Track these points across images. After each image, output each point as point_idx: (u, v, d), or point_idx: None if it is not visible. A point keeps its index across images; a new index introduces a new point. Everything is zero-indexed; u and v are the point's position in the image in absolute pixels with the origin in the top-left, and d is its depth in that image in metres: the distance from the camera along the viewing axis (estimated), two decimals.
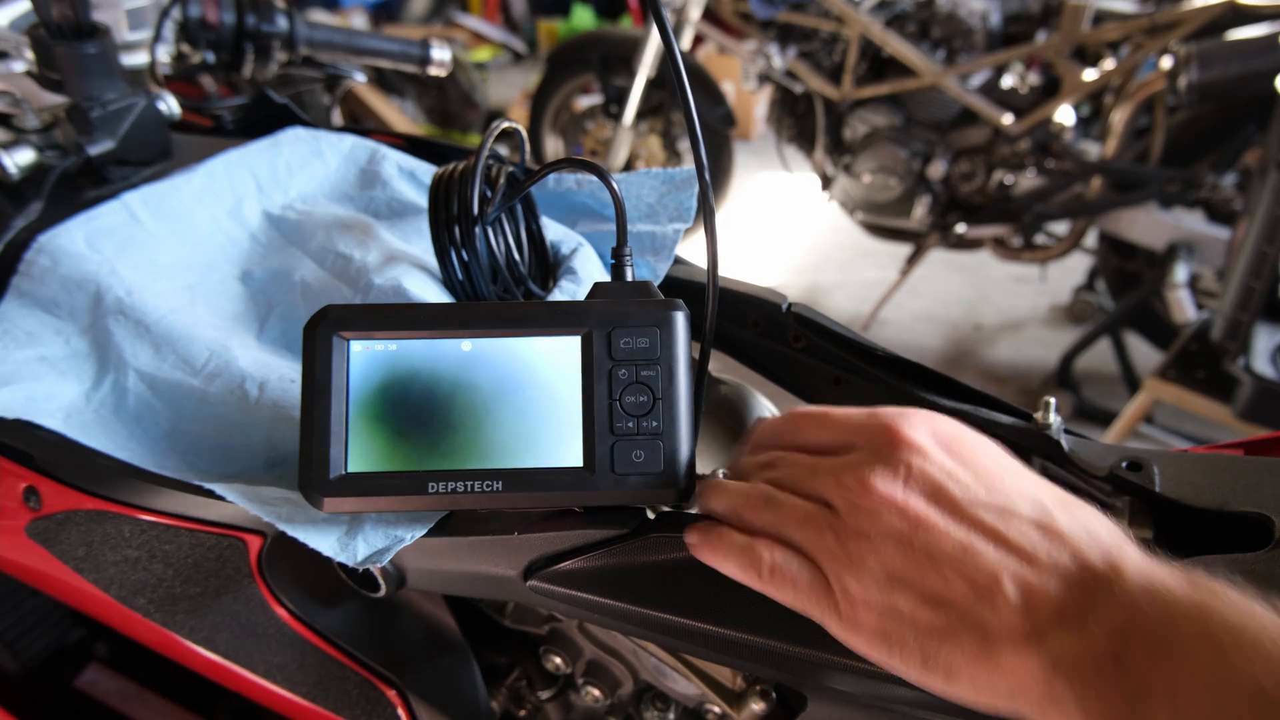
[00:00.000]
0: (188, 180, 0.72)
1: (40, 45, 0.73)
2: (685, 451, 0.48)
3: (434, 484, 0.47)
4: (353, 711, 0.61)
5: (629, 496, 0.48)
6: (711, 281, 0.53)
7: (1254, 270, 1.62)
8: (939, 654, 0.35)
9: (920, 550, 0.36)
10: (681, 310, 0.49)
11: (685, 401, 0.48)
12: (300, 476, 0.47)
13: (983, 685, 0.34)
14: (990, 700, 0.34)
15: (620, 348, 0.48)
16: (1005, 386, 2.47)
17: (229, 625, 0.60)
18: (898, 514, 0.36)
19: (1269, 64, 1.76)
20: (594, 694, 0.65)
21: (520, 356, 0.49)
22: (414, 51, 1.05)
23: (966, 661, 0.34)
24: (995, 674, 0.34)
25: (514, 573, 0.51)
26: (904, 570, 0.36)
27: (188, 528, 0.57)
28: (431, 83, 3.70)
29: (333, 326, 0.48)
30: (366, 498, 0.47)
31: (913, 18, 2.34)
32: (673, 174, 0.70)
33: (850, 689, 0.46)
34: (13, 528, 0.63)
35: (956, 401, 0.58)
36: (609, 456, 0.47)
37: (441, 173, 0.61)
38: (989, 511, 0.36)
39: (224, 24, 0.91)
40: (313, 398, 0.48)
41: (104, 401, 0.60)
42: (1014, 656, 0.33)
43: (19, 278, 0.64)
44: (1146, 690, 0.30)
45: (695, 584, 0.48)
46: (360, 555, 0.48)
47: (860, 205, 2.52)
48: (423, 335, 0.48)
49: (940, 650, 0.35)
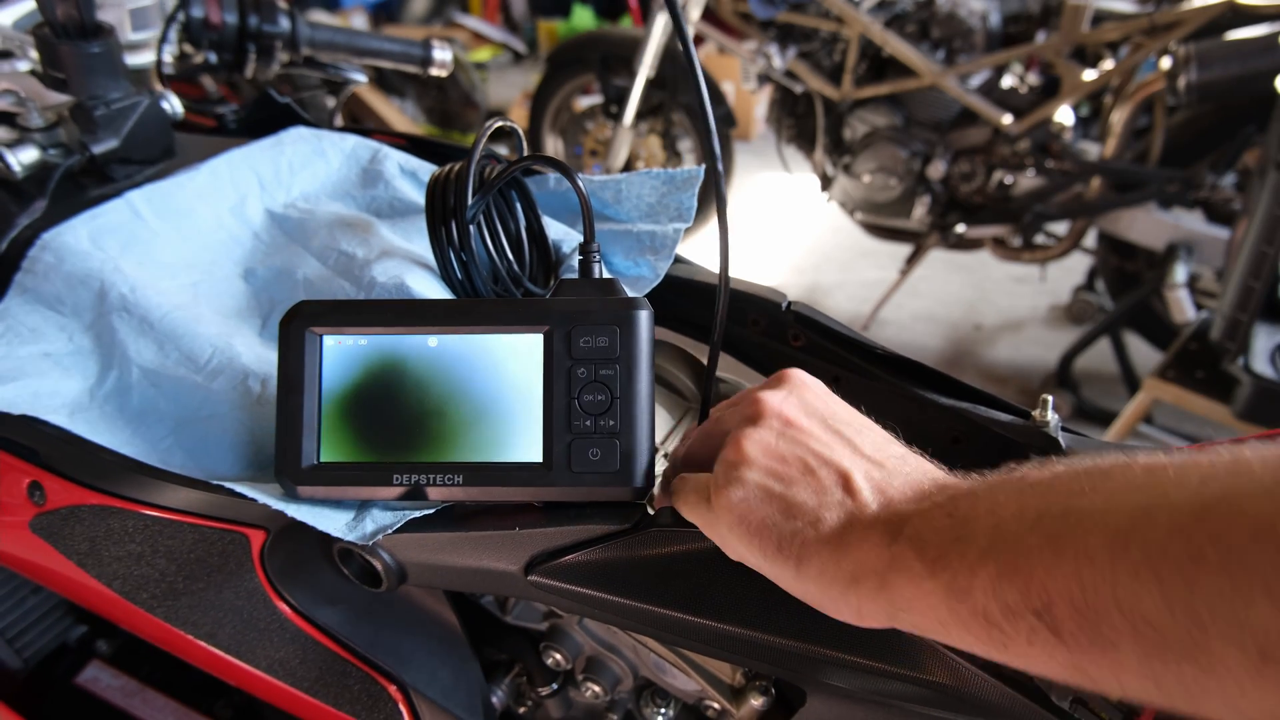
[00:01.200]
0: (191, 178, 0.73)
1: (45, 44, 0.73)
2: (643, 451, 0.48)
3: (398, 475, 0.49)
4: (354, 706, 0.62)
5: (585, 493, 0.49)
6: (723, 283, 0.53)
7: (1253, 270, 1.63)
8: (793, 541, 0.39)
9: (787, 448, 0.42)
10: (643, 309, 0.49)
11: (644, 401, 0.49)
12: (276, 465, 0.50)
13: (828, 568, 0.38)
14: (829, 587, 0.38)
15: (580, 346, 0.49)
16: (1005, 386, 2.48)
17: (231, 620, 0.60)
18: (776, 418, 0.44)
19: (1269, 64, 1.76)
20: (594, 690, 0.65)
21: (484, 352, 0.50)
22: (415, 52, 1.05)
23: (818, 546, 0.39)
24: (842, 555, 0.38)
25: (515, 568, 0.52)
26: (770, 464, 0.42)
27: (191, 523, 0.57)
28: (432, 83, 3.70)
29: (306, 321, 0.50)
30: (337, 486, 0.50)
31: (912, 18, 2.34)
32: (673, 174, 0.70)
33: (848, 685, 0.46)
34: (17, 523, 0.64)
35: (956, 400, 0.59)
36: (566, 454, 0.48)
37: (438, 173, 0.62)
38: (848, 427, 0.43)
39: (226, 24, 0.91)
40: (287, 390, 0.50)
41: (108, 397, 0.60)
42: (862, 533, 0.38)
43: (23, 275, 0.65)
44: (973, 520, 0.35)
45: (695, 580, 0.48)
46: (368, 531, 0.49)
47: (860, 205, 2.52)
48: (391, 330, 0.50)
49: (794, 538, 0.39)
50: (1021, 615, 0.31)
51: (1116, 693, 0.31)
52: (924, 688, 0.44)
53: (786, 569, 0.40)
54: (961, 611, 0.33)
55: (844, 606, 0.39)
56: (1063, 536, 0.31)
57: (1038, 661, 0.32)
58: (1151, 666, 0.28)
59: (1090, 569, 0.29)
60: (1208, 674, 0.27)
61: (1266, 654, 0.25)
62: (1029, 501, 0.33)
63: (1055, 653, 0.31)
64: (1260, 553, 0.25)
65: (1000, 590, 0.32)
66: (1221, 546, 0.26)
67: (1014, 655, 0.33)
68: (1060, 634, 0.30)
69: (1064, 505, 0.32)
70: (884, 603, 0.37)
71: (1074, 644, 0.30)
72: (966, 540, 0.34)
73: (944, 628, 0.35)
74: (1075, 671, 0.31)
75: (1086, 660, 0.30)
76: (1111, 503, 0.30)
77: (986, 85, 2.32)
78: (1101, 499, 0.31)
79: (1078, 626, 0.30)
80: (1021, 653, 0.32)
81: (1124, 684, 0.30)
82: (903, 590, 0.36)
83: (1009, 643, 0.32)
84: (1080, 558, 0.30)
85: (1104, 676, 0.30)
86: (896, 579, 0.36)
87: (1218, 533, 0.26)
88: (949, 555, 0.34)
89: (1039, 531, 0.31)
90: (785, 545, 0.40)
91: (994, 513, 0.34)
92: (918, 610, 0.35)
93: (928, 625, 0.36)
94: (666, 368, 0.69)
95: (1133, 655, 0.28)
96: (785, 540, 0.40)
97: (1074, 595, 0.30)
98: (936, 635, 0.36)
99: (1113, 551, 0.29)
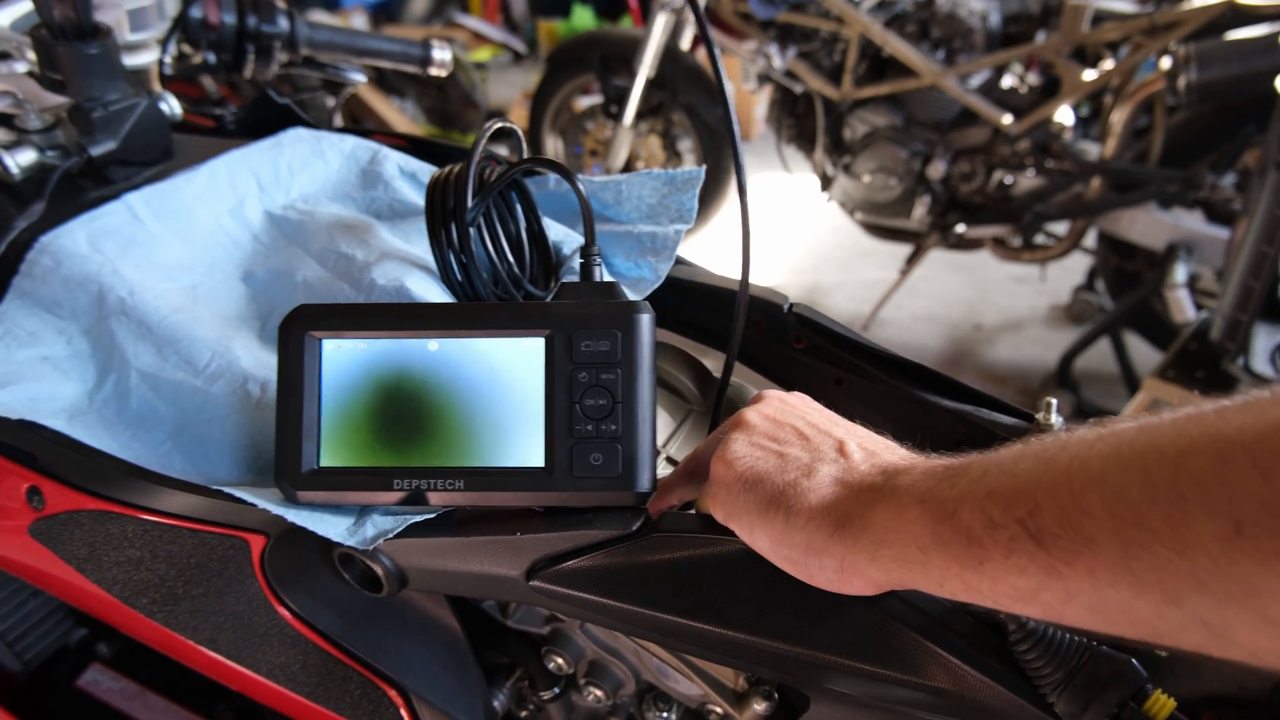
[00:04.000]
0: (189, 180, 0.72)
1: (42, 46, 0.73)
2: (645, 455, 0.48)
3: (399, 480, 0.49)
4: (355, 712, 0.61)
5: (587, 498, 0.49)
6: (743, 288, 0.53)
7: (1253, 270, 1.62)
8: (786, 491, 0.42)
9: (786, 418, 0.46)
10: (644, 313, 0.49)
11: (646, 405, 0.48)
12: (275, 469, 0.49)
13: (817, 515, 0.40)
14: (815, 534, 0.40)
15: (581, 350, 0.48)
16: (1005, 386, 2.47)
17: (231, 625, 0.60)
18: (777, 399, 0.48)
19: (1268, 64, 1.76)
20: (596, 694, 0.65)
21: (485, 357, 0.49)
22: (414, 52, 1.05)
23: (810, 495, 0.41)
24: (832, 503, 0.40)
25: (516, 573, 0.51)
26: (770, 428, 0.46)
27: (190, 528, 0.57)
28: (432, 83, 3.69)
29: (305, 325, 0.50)
30: (337, 491, 0.49)
31: (912, 18, 2.34)
32: (674, 175, 0.70)
33: (851, 690, 0.46)
34: (16, 528, 0.63)
35: (957, 402, 0.58)
36: (568, 458, 0.48)
37: (437, 175, 0.62)
38: (842, 420, 0.47)
39: (225, 25, 0.90)
40: (287, 394, 0.49)
41: (106, 402, 0.60)
42: (855, 483, 0.41)
43: (21, 278, 0.64)
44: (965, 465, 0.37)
45: (698, 585, 0.48)
46: (369, 536, 0.49)
47: (860, 205, 2.51)
48: (391, 335, 0.50)
49: (789, 489, 0.42)
50: (1005, 526, 0.33)
51: (1075, 614, 0.32)
52: (926, 693, 0.43)
53: (777, 518, 0.41)
54: (944, 532, 0.35)
55: (827, 558, 0.40)
56: (1057, 457, 0.33)
57: (1009, 577, 0.33)
58: (1127, 558, 0.30)
59: (1083, 474, 0.31)
60: (1181, 554, 0.28)
61: (1241, 525, 0.27)
62: (1023, 449, 0.36)
63: (1031, 561, 0.32)
64: (1251, 429, 0.28)
65: (987, 506, 0.34)
66: (1212, 433, 0.28)
67: (986, 573, 0.34)
68: (1041, 538, 0.32)
69: (1059, 442, 0.34)
70: (867, 542, 0.38)
71: (1053, 547, 0.32)
72: (958, 475, 0.36)
73: (923, 554, 0.36)
74: (1046, 579, 0.32)
75: (1061, 563, 0.32)
76: (1103, 438, 0.32)
77: (986, 85, 2.32)
78: (1093, 436, 0.33)
79: (1060, 527, 0.31)
80: (996, 568, 0.34)
81: (1095, 585, 0.31)
82: (888, 521, 0.38)
83: (985, 559, 0.34)
84: (1073, 467, 0.32)
85: (1076, 579, 0.31)
86: (883, 512, 0.38)
87: (1215, 430, 0.29)
88: (939, 488, 0.36)
89: (1032, 457, 0.34)
90: (779, 495, 0.42)
91: (987, 457, 0.37)
92: (900, 541, 0.37)
93: (908, 555, 0.37)
94: (668, 370, 0.69)
95: (1111, 548, 0.30)
96: (779, 490, 0.42)
97: (1061, 498, 0.32)
98: (914, 567, 0.37)
99: (1106, 459, 0.31)
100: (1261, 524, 0.26)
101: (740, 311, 0.53)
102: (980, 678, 0.42)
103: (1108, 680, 0.39)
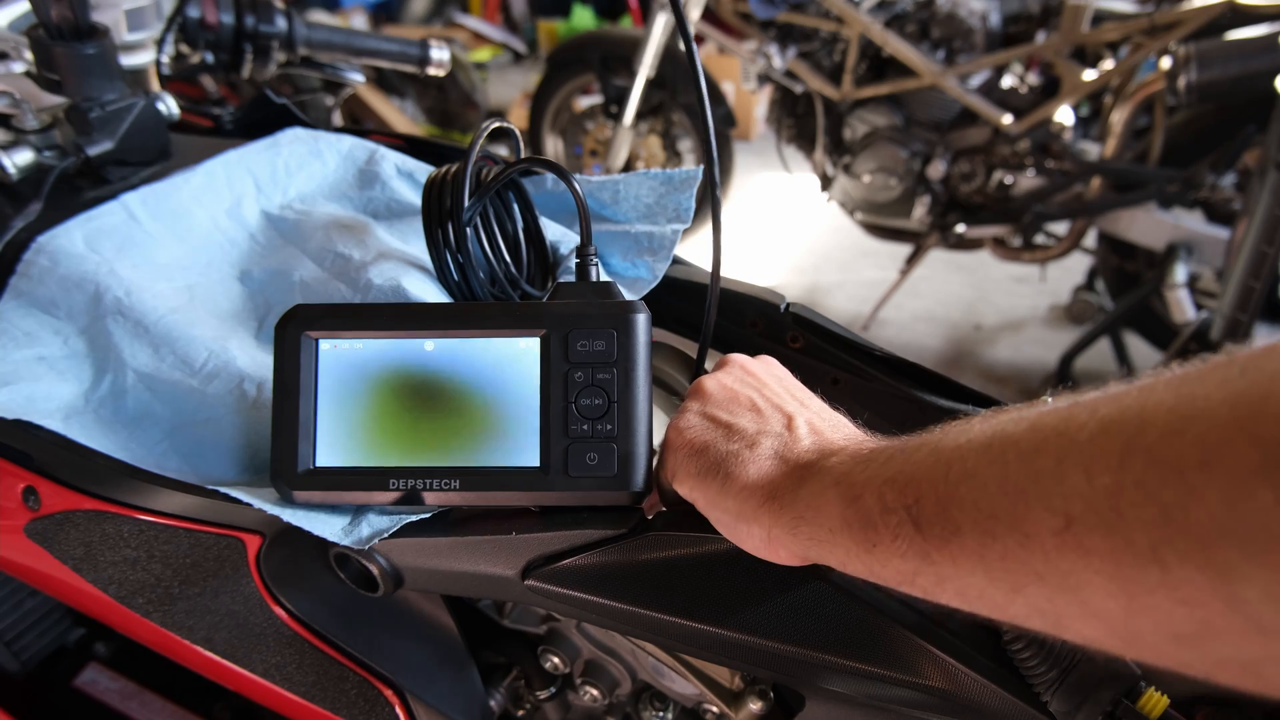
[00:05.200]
0: (187, 180, 0.72)
1: (39, 46, 0.73)
2: (640, 454, 0.48)
3: (394, 480, 0.49)
4: (351, 711, 0.61)
5: (583, 498, 0.49)
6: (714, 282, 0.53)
7: (1253, 270, 1.62)
8: (726, 460, 0.44)
9: (742, 389, 0.48)
10: (640, 312, 0.49)
11: (642, 405, 0.48)
12: (271, 469, 0.49)
13: (750, 484, 0.42)
14: (746, 502, 0.42)
15: (576, 350, 0.48)
16: (1005, 386, 2.47)
17: (227, 625, 0.60)
18: (739, 366, 0.50)
19: (1268, 64, 1.76)
20: (592, 694, 0.65)
21: (481, 357, 0.49)
22: (413, 52, 1.05)
23: (747, 465, 0.43)
24: (766, 475, 0.42)
25: (512, 572, 0.51)
26: (723, 398, 0.47)
27: (186, 528, 0.57)
28: (431, 83, 3.69)
29: (302, 325, 0.50)
30: (333, 491, 0.49)
31: (912, 18, 2.34)
32: (672, 175, 0.70)
33: (846, 689, 0.46)
34: (12, 528, 0.63)
35: (956, 402, 0.58)
36: (563, 458, 0.48)
37: (434, 175, 0.62)
38: (800, 391, 0.49)
39: (223, 24, 0.91)
40: (283, 394, 0.49)
41: (103, 402, 0.60)
42: (791, 458, 0.42)
43: (18, 278, 0.64)
44: (884, 449, 0.39)
45: (693, 584, 0.48)
46: (364, 536, 0.49)
47: (860, 205, 2.51)
48: (387, 335, 0.50)
49: (729, 458, 0.44)
50: (895, 511, 0.35)
51: (946, 597, 0.34)
52: (921, 692, 0.43)
53: (714, 482, 0.43)
54: (849, 514, 0.37)
55: (755, 527, 0.42)
56: (944, 448, 0.35)
57: (894, 560, 0.35)
58: (983, 547, 0.32)
59: (959, 465, 0.33)
60: (1024, 546, 0.30)
61: (1071, 521, 0.28)
62: (927, 436, 0.37)
63: (910, 546, 0.34)
64: (1087, 428, 0.29)
65: (884, 492, 0.36)
66: (1064, 437, 0.30)
67: (877, 555, 0.36)
68: (920, 524, 0.34)
69: (957, 429, 0.36)
70: (789, 518, 0.40)
71: (929, 532, 0.34)
72: (872, 460, 0.39)
73: (831, 534, 0.38)
74: (921, 564, 0.34)
75: (933, 548, 0.34)
76: (986, 429, 0.34)
77: (986, 85, 2.32)
78: (979, 427, 0.35)
79: (934, 514, 0.33)
80: (885, 550, 0.36)
81: (958, 571, 0.33)
82: (809, 500, 0.39)
83: (877, 541, 0.36)
84: (953, 459, 0.34)
85: (944, 565, 0.33)
86: (808, 490, 0.40)
87: (1062, 427, 0.30)
88: (854, 470, 0.38)
89: (930, 445, 0.36)
90: (720, 463, 0.44)
91: (901, 442, 0.38)
92: (816, 520, 0.39)
93: (820, 535, 0.39)
94: (664, 369, 0.69)
95: (971, 537, 0.32)
96: (720, 458, 0.44)
97: (939, 488, 0.34)
98: (824, 546, 0.39)
99: (978, 451, 0.33)
100: (1085, 521, 0.28)
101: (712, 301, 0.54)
102: (975, 676, 0.42)
103: (1101, 678, 0.39)
